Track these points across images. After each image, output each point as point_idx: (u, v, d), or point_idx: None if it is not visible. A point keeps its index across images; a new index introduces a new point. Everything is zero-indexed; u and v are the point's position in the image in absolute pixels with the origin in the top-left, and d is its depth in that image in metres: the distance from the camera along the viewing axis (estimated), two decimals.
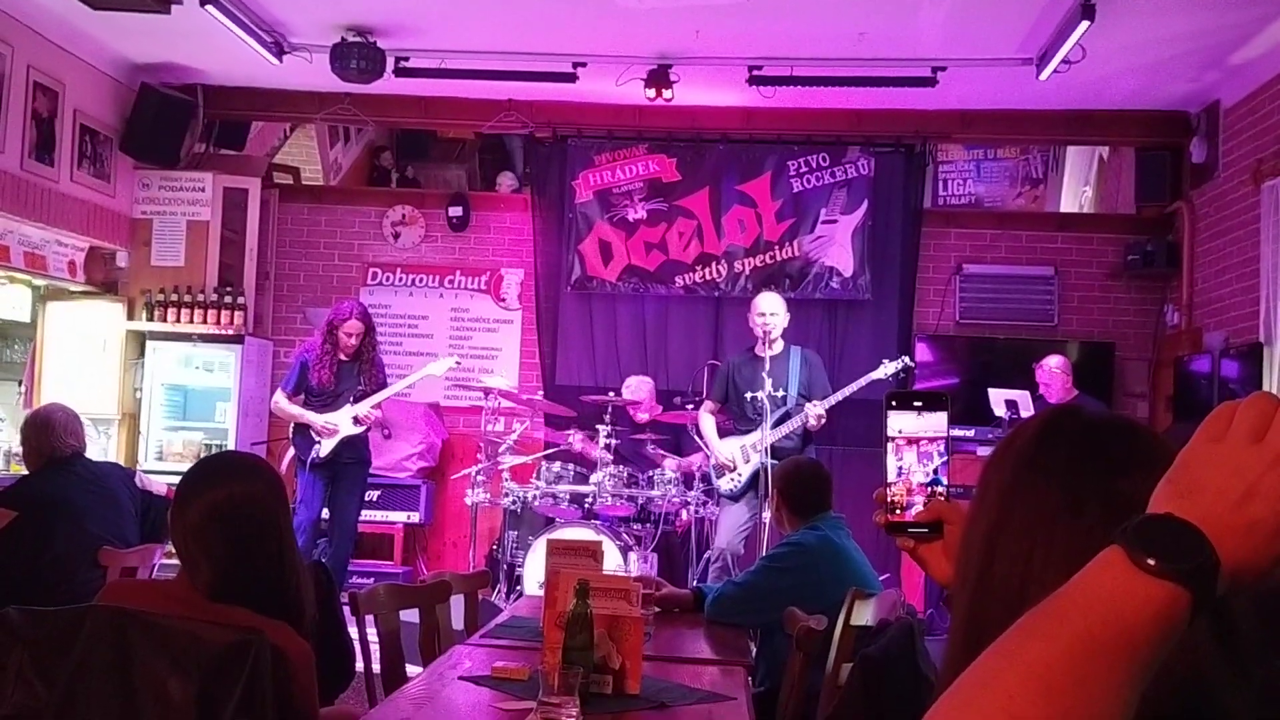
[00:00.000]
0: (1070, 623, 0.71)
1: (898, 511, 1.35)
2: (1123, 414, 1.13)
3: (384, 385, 6.53)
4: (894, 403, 1.36)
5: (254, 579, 2.10)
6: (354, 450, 6.46)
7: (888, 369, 6.12)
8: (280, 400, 6.52)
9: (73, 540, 4.02)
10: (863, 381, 6.09)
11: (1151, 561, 0.71)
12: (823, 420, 5.95)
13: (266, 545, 2.13)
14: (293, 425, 6.58)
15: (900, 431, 1.36)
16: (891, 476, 1.36)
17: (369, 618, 3.03)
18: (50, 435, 4.12)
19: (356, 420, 6.36)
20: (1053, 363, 6.54)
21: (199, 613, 2.01)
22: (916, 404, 1.36)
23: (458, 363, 7.09)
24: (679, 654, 3.13)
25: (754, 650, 3.68)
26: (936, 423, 1.36)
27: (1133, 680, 0.70)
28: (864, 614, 2.92)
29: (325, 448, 6.34)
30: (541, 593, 5.70)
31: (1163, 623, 0.71)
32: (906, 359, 6.27)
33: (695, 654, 3.23)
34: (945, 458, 1.36)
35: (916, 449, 1.36)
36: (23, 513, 3.89)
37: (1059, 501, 0.97)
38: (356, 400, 6.38)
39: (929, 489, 1.35)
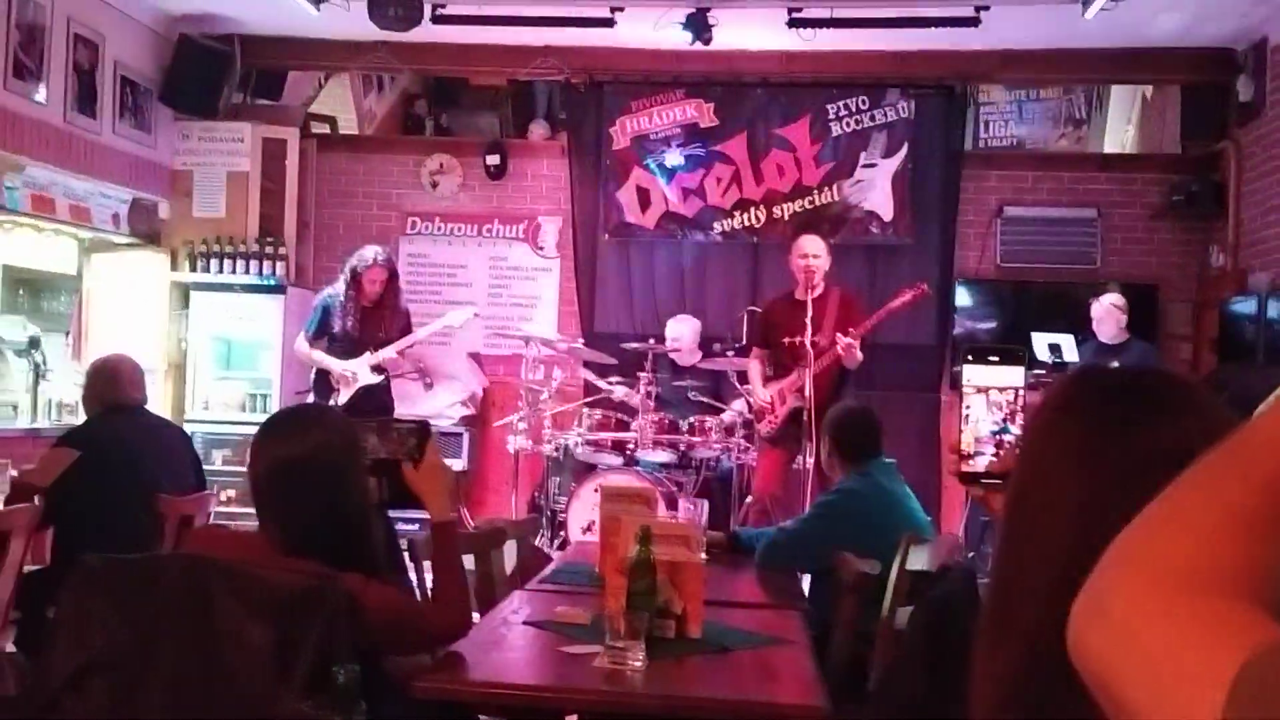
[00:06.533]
0: (1261, 463, 0.70)
1: (970, 461, 1.37)
2: (1153, 366, 1.15)
3: (408, 333, 6.47)
4: (970, 356, 1.39)
5: (322, 533, 2.13)
6: (373, 399, 6.31)
7: (904, 297, 6.07)
8: (301, 344, 6.49)
9: (130, 483, 4.07)
10: (881, 313, 6.04)
11: None
12: (855, 350, 5.82)
13: (332, 501, 2.16)
14: (313, 371, 6.54)
15: (974, 383, 1.38)
16: (964, 427, 1.38)
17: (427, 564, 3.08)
18: (116, 385, 4.19)
19: (375, 369, 6.31)
20: (1108, 299, 6.45)
21: (274, 564, 2.05)
22: (992, 358, 1.39)
23: (476, 314, 7.09)
24: (733, 598, 3.16)
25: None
26: (1010, 375, 1.38)
27: None
28: (919, 558, 2.94)
29: (343, 396, 6.30)
30: (585, 538, 5.79)
31: None
32: (924, 285, 6.19)
33: (749, 598, 3.27)
34: (1019, 409, 1.38)
35: (990, 400, 1.38)
36: (85, 451, 3.97)
37: (1073, 462, 0.98)
38: (377, 348, 6.32)
39: (998, 439, 1.37)
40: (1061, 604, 0.85)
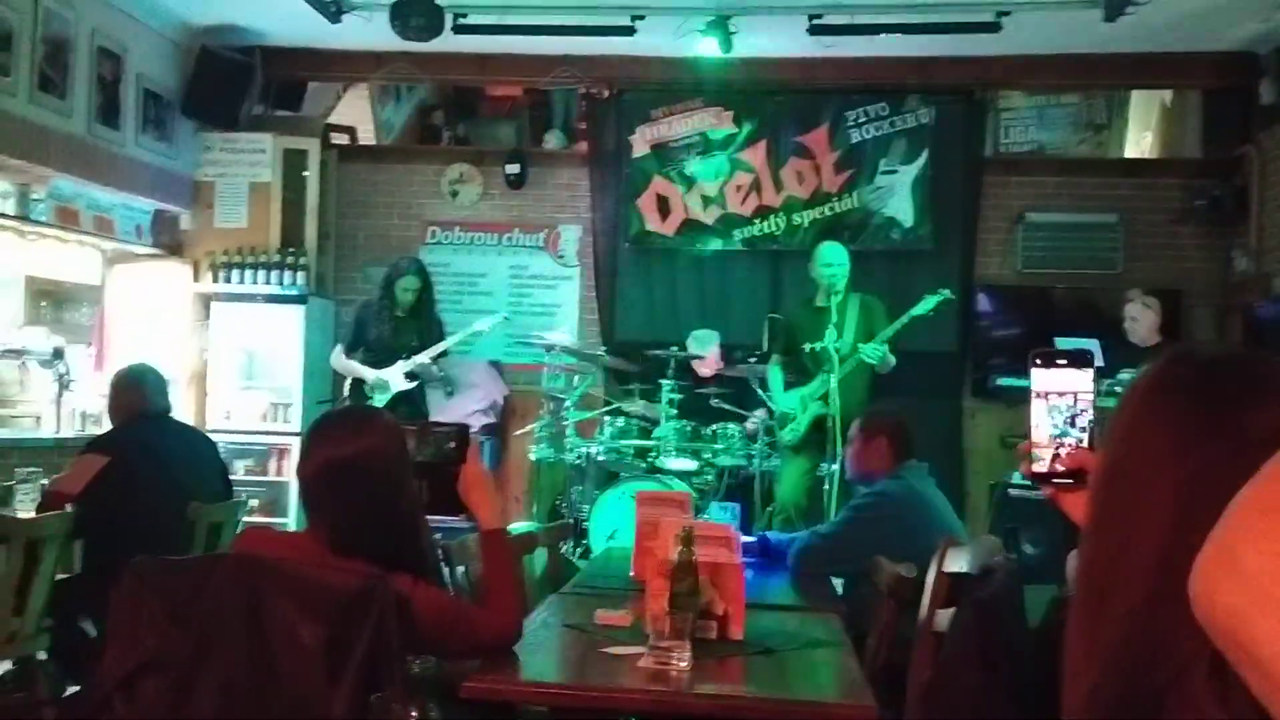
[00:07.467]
0: None
1: (1040, 462, 1.39)
2: (1242, 347, 1.14)
3: (440, 340, 6.60)
4: (1038, 360, 1.40)
5: (373, 533, 2.13)
6: (409, 406, 6.46)
7: (928, 304, 6.06)
8: (336, 354, 6.68)
9: (160, 489, 4.08)
10: (904, 319, 6.04)
11: None
12: (879, 356, 5.87)
13: (383, 501, 2.16)
14: (349, 381, 6.66)
15: (1043, 386, 1.40)
16: (1034, 429, 1.39)
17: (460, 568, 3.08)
18: (141, 394, 4.20)
19: (409, 376, 6.45)
20: (1144, 300, 6.42)
21: (324, 564, 2.05)
22: (1060, 361, 1.40)
23: (506, 318, 7.15)
24: (770, 601, 3.15)
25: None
26: (1078, 378, 1.40)
27: None
28: (958, 561, 2.92)
29: (378, 403, 6.39)
30: (609, 545, 5.78)
31: None
32: (947, 291, 6.17)
33: (784, 601, 3.26)
34: (1088, 411, 1.39)
35: (1055, 402, 1.39)
36: (115, 458, 3.97)
37: (1171, 444, 0.98)
38: (411, 356, 6.46)
39: (1058, 442, 1.38)
40: (1166, 576, 0.84)
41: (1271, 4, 6.33)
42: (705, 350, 7.07)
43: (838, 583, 3.83)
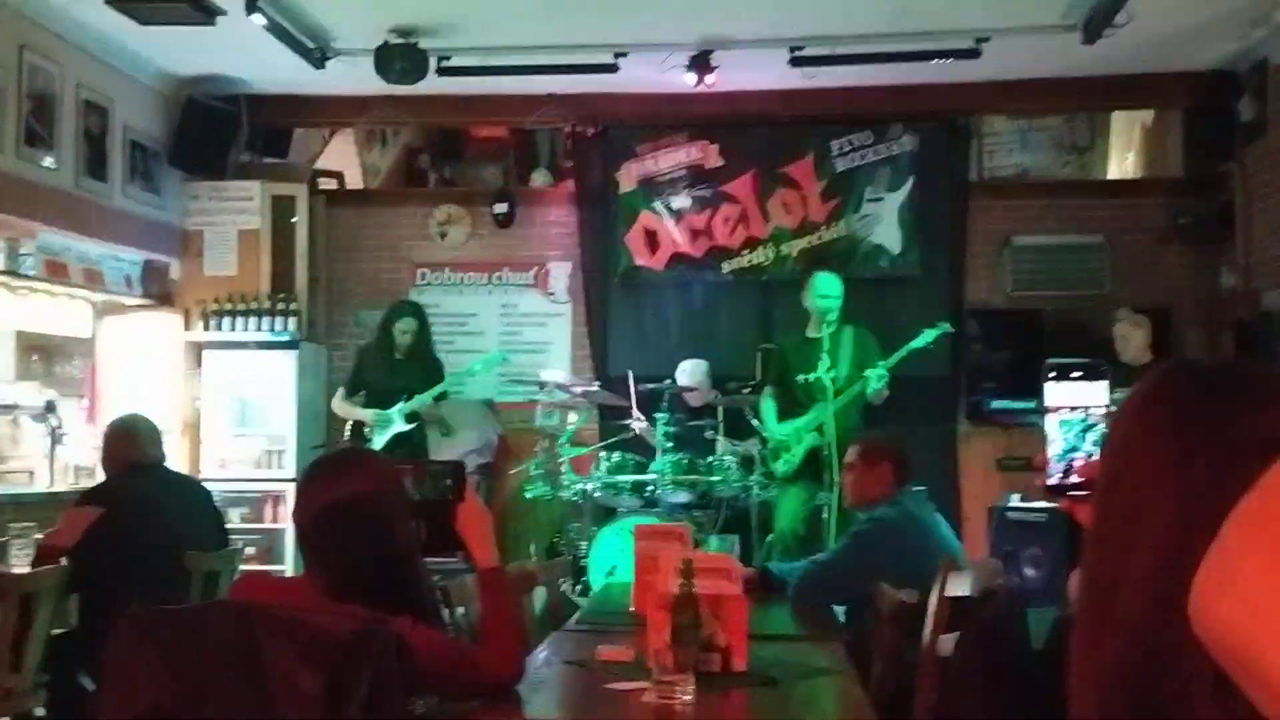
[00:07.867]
0: None
1: (1054, 476, 1.39)
2: (1236, 358, 1.14)
3: (440, 381, 6.67)
4: (1053, 374, 1.40)
5: (370, 576, 2.11)
6: (408, 448, 6.52)
7: (928, 336, 6.07)
8: (337, 399, 6.77)
9: (155, 539, 4.06)
10: (903, 352, 6.04)
11: None
12: (883, 383, 5.88)
13: (380, 543, 2.14)
14: (349, 424, 6.71)
15: (1058, 401, 1.40)
16: (1050, 443, 1.39)
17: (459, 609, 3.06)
18: (135, 444, 4.19)
19: (409, 417, 6.52)
20: (1133, 319, 6.44)
21: (322, 609, 2.03)
22: (1075, 375, 1.40)
23: (505, 358, 7.19)
24: (772, 632, 3.13)
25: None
26: (1092, 391, 1.40)
27: None
28: (960, 584, 2.91)
29: (377, 444, 6.43)
30: (612, 580, 5.75)
31: None
32: (947, 325, 6.18)
33: (786, 631, 3.25)
34: (1101, 423, 1.39)
35: (1069, 416, 1.39)
36: (108, 509, 3.95)
37: (1167, 456, 0.97)
38: (410, 398, 6.52)
39: (1070, 459, 1.39)
40: (1166, 588, 0.84)
41: (1248, 22, 6.39)
42: (693, 381, 7.08)
43: (840, 611, 3.82)
